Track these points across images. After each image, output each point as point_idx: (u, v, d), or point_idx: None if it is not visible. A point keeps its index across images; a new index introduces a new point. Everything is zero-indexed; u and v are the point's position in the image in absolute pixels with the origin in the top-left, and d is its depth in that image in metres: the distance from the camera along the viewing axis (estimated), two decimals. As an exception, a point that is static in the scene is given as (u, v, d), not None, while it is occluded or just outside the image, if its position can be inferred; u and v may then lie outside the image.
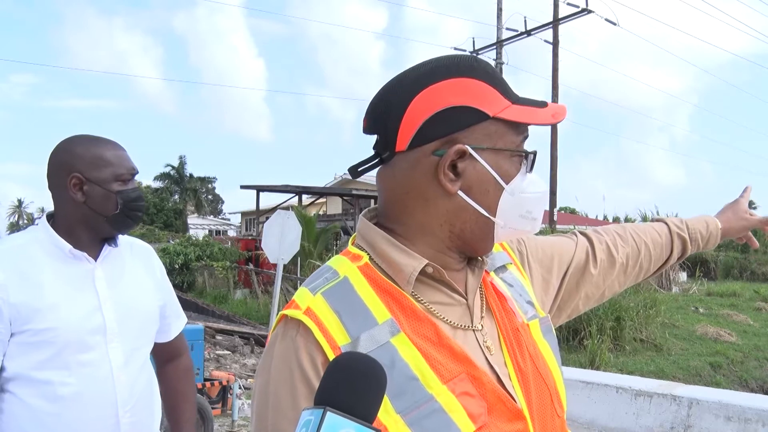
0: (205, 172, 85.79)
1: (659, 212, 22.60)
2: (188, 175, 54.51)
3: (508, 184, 0.94)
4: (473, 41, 21.10)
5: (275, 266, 6.77)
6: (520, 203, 0.95)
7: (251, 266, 21.30)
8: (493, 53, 20.71)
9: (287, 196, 27.93)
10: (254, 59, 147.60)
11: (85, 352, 1.61)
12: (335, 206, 30.86)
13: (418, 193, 0.94)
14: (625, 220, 30.32)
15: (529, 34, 20.19)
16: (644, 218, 22.92)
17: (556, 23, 19.65)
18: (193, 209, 55.30)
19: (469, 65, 0.95)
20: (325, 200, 32.62)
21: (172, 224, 47.12)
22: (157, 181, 52.81)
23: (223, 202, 66.96)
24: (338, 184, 32.02)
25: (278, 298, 6.77)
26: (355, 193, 24.75)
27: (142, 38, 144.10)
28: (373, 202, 24.87)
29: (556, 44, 19.81)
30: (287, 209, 11.09)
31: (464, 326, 0.95)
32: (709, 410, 3.08)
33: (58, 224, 1.69)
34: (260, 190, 26.26)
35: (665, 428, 3.19)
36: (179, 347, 1.98)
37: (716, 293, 18.52)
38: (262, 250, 10.02)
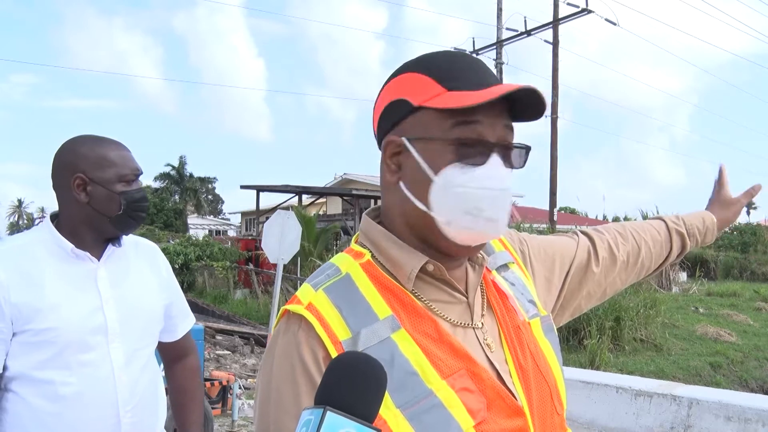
0: (205, 172, 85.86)
1: (659, 212, 22.57)
2: (188, 174, 54.51)
3: (437, 174, 0.91)
4: (473, 41, 21.10)
5: (275, 266, 6.77)
6: (461, 198, 0.90)
7: (251, 266, 21.29)
8: (493, 53, 20.72)
9: (287, 196, 27.93)
10: (254, 59, 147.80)
11: (86, 352, 1.61)
12: (335, 206, 30.85)
13: (384, 187, 1.00)
14: (624, 219, 30.33)
15: (529, 34, 20.18)
16: (644, 218, 22.94)
17: (556, 23, 19.64)
18: (193, 209, 55.28)
19: (418, 60, 0.97)
20: (325, 200, 32.61)
21: (172, 224, 47.10)
22: (157, 181, 52.84)
23: (223, 202, 67.02)
24: (338, 184, 32.01)
25: (278, 298, 6.77)
26: (355, 193, 24.75)
27: (142, 38, 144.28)
28: (373, 202, 24.89)
29: (556, 44, 19.81)
30: (287, 209, 11.09)
31: (464, 324, 0.96)
32: (709, 410, 3.08)
33: (62, 224, 1.69)
34: (260, 190, 26.26)
35: (665, 428, 3.19)
36: (186, 347, 1.97)
37: (716, 293, 18.51)
38: (262, 250, 10.02)
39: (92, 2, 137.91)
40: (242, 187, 25.95)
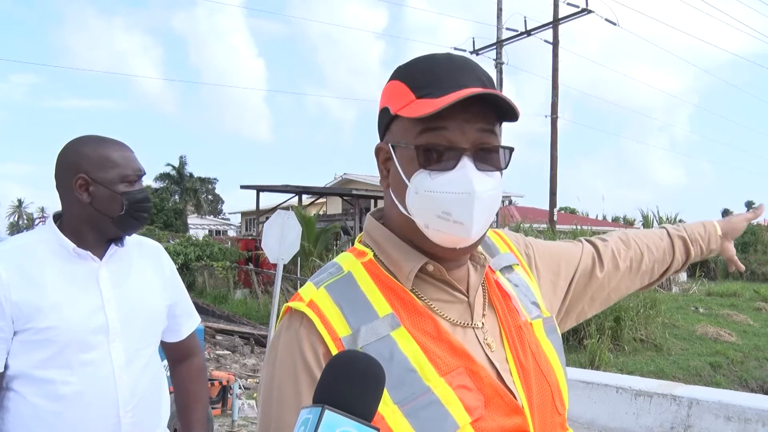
0: (205, 172, 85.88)
1: (659, 212, 22.57)
2: (188, 174, 54.50)
3: (409, 180, 0.94)
4: (473, 41, 21.10)
5: (275, 266, 6.77)
6: (432, 202, 0.92)
7: (251, 266, 21.29)
8: (493, 53, 20.72)
9: (287, 196, 27.92)
10: (254, 59, 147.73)
11: (86, 351, 1.61)
12: (335, 206, 30.85)
13: (383, 190, 1.03)
14: (624, 220, 30.32)
15: (529, 34, 20.18)
16: (644, 218, 22.88)
17: (556, 23, 19.65)
18: (193, 209, 55.27)
19: (402, 66, 0.99)
20: (325, 200, 32.60)
21: (172, 224, 47.06)
22: (157, 181, 52.82)
23: (223, 202, 66.97)
24: (338, 184, 32.00)
25: (278, 298, 6.77)
26: (355, 193, 24.74)
27: (141, 38, 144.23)
28: (373, 202, 24.90)
29: (556, 44, 19.81)
30: (287, 209, 11.09)
31: (464, 323, 0.97)
32: (709, 410, 3.08)
33: (64, 224, 1.69)
34: (260, 190, 26.25)
35: (665, 428, 3.19)
36: (191, 347, 1.97)
37: (716, 293, 18.50)
38: (262, 250, 10.02)
39: (92, 2, 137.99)
40: (242, 187, 25.95)
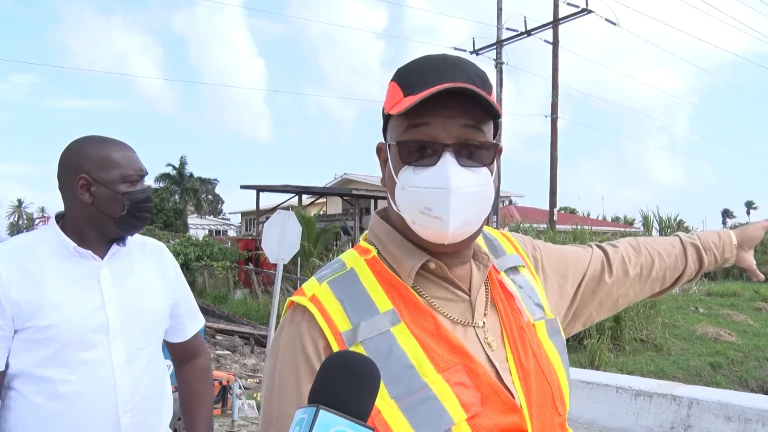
0: (205, 172, 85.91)
1: (659, 212, 22.55)
2: (188, 174, 54.48)
3: (397, 177, 0.95)
4: (473, 41, 21.09)
5: (275, 266, 6.77)
6: (416, 198, 0.92)
7: (251, 266, 21.30)
8: (493, 53, 20.70)
9: (287, 196, 27.92)
10: (254, 59, 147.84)
11: (86, 350, 1.61)
12: (335, 206, 30.84)
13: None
14: (624, 220, 30.29)
15: (529, 34, 20.17)
16: (644, 218, 22.85)
17: (556, 23, 19.64)
18: (193, 209, 55.25)
19: (399, 68, 1.00)
20: (325, 200, 32.59)
21: (172, 224, 47.03)
22: (157, 181, 52.79)
23: (223, 202, 66.94)
24: (338, 184, 31.99)
25: (278, 298, 6.77)
26: (355, 193, 24.73)
27: (141, 38, 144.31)
28: (373, 202, 24.88)
29: (556, 44, 19.81)
30: (287, 209, 11.09)
31: (464, 322, 0.98)
32: (709, 410, 3.08)
33: (67, 224, 1.70)
34: (260, 190, 26.25)
35: (665, 428, 3.19)
36: (196, 348, 1.97)
37: (716, 293, 18.49)
38: (262, 250, 10.02)
39: (91, 2, 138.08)
40: (242, 187, 25.95)
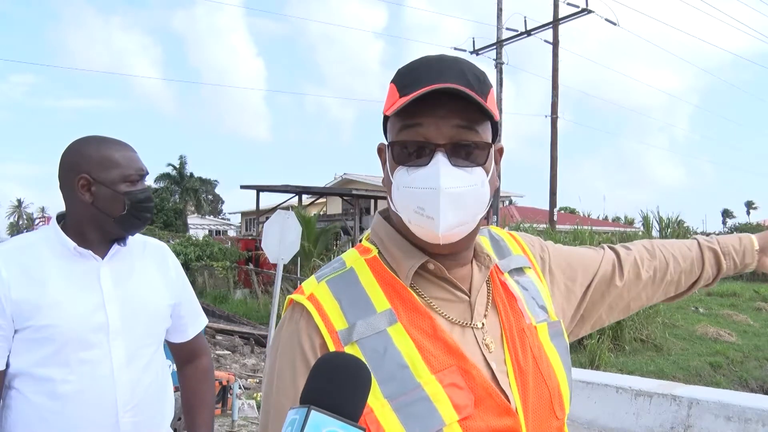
0: (205, 172, 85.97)
1: (660, 212, 22.49)
2: (188, 174, 54.48)
3: (392, 177, 0.96)
4: (473, 41, 21.09)
5: (275, 266, 6.77)
6: (410, 198, 0.93)
7: (251, 266, 21.30)
8: (493, 53, 20.70)
9: (287, 196, 27.93)
10: (254, 59, 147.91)
11: (86, 349, 1.61)
12: (335, 206, 30.84)
13: None
14: (625, 220, 30.29)
15: (529, 34, 20.17)
16: (644, 218, 22.83)
17: (556, 23, 19.64)
18: (193, 209, 55.27)
19: (399, 69, 0.99)
20: (325, 200, 32.60)
21: (172, 224, 47.05)
22: (157, 181, 52.80)
23: (223, 202, 66.98)
24: (338, 184, 32.00)
25: (278, 298, 6.77)
26: (355, 193, 24.74)
27: (141, 38, 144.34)
28: (373, 202, 24.88)
29: (556, 44, 19.81)
30: (287, 209, 11.09)
31: (463, 323, 0.97)
32: (709, 410, 3.08)
33: (68, 224, 1.70)
34: (260, 190, 26.26)
35: (665, 428, 3.19)
36: (198, 348, 1.96)
37: (716, 293, 18.48)
38: (262, 250, 10.02)
39: (91, 1, 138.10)
40: (242, 187, 25.96)
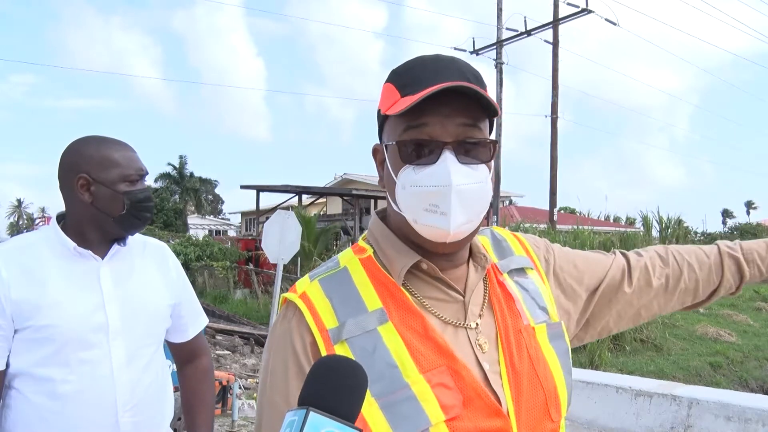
0: (205, 172, 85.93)
1: (660, 212, 22.47)
2: (189, 174, 54.47)
3: (397, 177, 0.96)
4: (473, 41, 21.09)
5: (275, 266, 6.78)
6: (420, 196, 0.93)
7: (251, 266, 21.30)
8: (493, 53, 20.70)
9: (287, 196, 27.93)
10: (254, 59, 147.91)
11: (86, 349, 1.61)
12: (335, 206, 30.84)
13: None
14: (626, 220, 30.28)
15: (529, 34, 20.17)
16: (644, 218, 22.81)
17: (556, 23, 19.65)
18: (193, 209, 55.26)
19: (394, 69, 1.00)
20: (325, 200, 32.60)
21: (172, 224, 47.05)
22: (157, 181, 52.79)
23: (223, 202, 66.96)
24: (338, 184, 32.00)
25: (278, 298, 6.76)
26: (355, 193, 24.74)
27: (141, 38, 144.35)
28: (373, 202, 24.88)
29: (556, 44, 19.81)
30: (287, 209, 11.10)
31: (456, 323, 0.97)
32: (709, 410, 3.08)
33: (68, 224, 1.70)
34: (260, 190, 26.26)
35: (665, 428, 3.19)
36: (197, 348, 1.96)
37: (716, 293, 18.48)
38: (262, 250, 10.02)
39: (91, 1, 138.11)
40: (242, 187, 25.97)
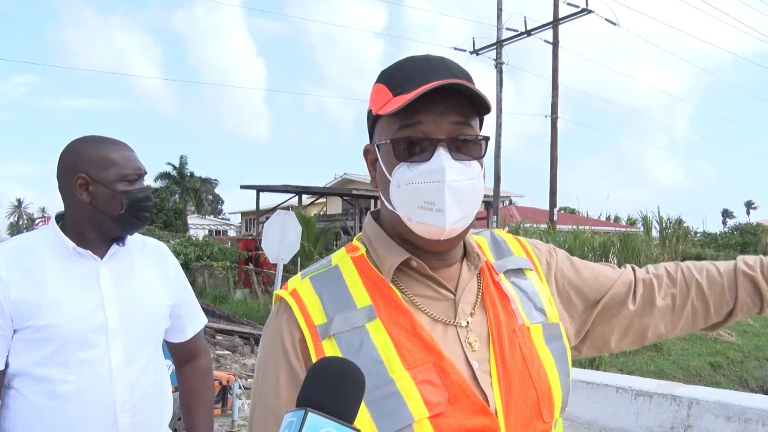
0: (205, 172, 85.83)
1: (660, 212, 22.45)
2: (189, 174, 54.46)
3: (391, 175, 0.96)
4: (473, 41, 21.06)
5: (275, 266, 6.78)
6: (415, 194, 0.94)
7: (251, 266, 21.30)
8: (493, 53, 20.69)
9: (287, 196, 27.94)
10: (254, 59, 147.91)
11: (85, 349, 1.61)
12: (335, 206, 30.84)
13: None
14: (627, 220, 30.28)
15: (529, 34, 20.16)
16: (644, 218, 22.81)
17: (556, 23, 19.65)
18: (193, 209, 55.26)
19: (384, 70, 1.01)
20: (325, 200, 32.60)
21: (172, 224, 47.03)
22: (157, 181, 52.78)
23: (223, 202, 66.93)
24: (338, 184, 32.00)
25: (278, 298, 6.76)
26: (355, 193, 24.74)
27: (141, 38, 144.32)
28: (373, 202, 24.88)
29: (556, 44, 19.81)
30: (287, 209, 11.10)
31: (446, 321, 0.98)
32: (709, 410, 3.08)
33: (67, 224, 1.70)
34: (260, 190, 26.26)
35: (665, 428, 3.19)
36: (196, 348, 1.96)
37: (716, 293, 18.48)
38: (262, 250, 10.03)
39: (91, 1, 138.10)
40: (242, 187, 25.96)
